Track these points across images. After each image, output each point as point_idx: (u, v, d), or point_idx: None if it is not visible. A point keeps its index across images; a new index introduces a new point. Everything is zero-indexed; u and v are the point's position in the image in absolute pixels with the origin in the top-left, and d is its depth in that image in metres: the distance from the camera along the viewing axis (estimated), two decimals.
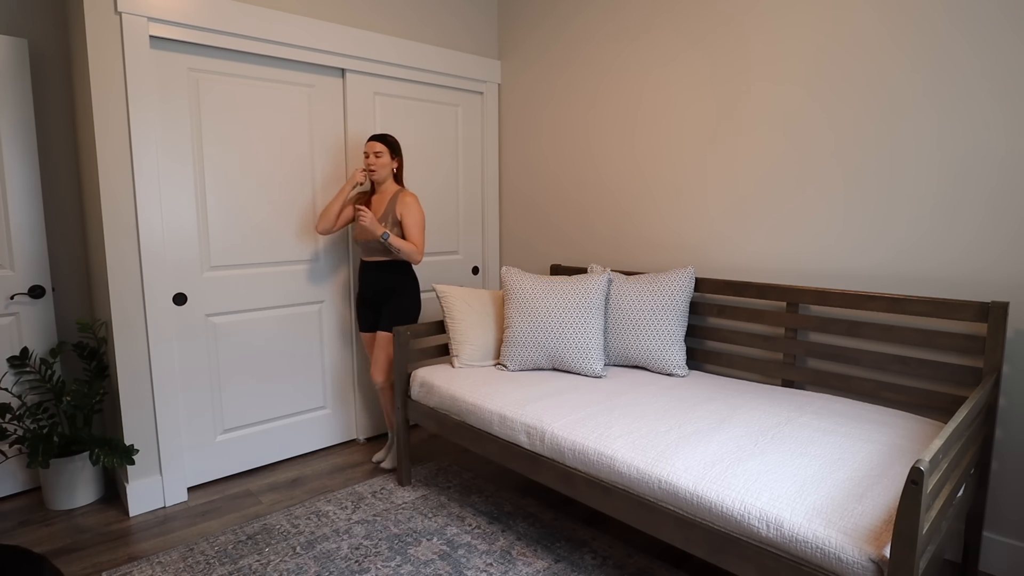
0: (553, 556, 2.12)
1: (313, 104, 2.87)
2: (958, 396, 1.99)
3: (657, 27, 2.78)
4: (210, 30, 2.48)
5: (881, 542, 1.28)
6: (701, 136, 2.67)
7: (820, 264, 2.35)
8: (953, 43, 1.97)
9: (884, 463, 1.62)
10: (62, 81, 2.64)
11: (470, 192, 3.56)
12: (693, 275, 2.58)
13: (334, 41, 2.84)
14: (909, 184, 2.10)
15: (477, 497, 2.57)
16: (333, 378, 3.08)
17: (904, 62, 2.08)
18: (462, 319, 2.71)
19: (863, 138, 2.19)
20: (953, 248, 2.03)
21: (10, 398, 2.52)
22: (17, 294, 2.52)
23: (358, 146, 3.03)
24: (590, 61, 3.09)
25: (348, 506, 2.50)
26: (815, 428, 1.86)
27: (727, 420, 1.94)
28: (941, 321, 2.07)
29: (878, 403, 2.22)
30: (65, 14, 2.56)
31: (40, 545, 2.23)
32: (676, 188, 2.78)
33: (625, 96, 2.95)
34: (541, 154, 3.40)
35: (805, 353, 2.34)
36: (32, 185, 2.54)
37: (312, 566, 2.07)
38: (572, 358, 2.52)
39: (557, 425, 2.00)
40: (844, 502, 1.43)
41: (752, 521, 1.46)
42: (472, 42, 3.46)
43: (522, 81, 3.46)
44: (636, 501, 1.73)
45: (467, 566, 2.07)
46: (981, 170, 1.96)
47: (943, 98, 2.01)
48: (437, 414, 2.47)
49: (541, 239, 3.46)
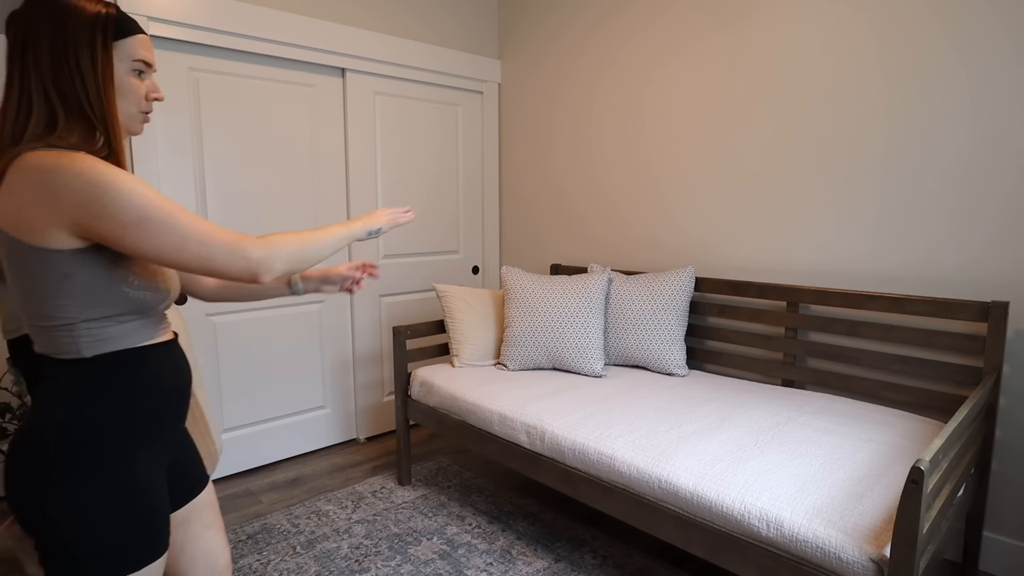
0: (553, 555, 2.12)
1: (313, 104, 2.87)
2: (958, 396, 1.99)
3: (657, 26, 2.78)
4: (210, 29, 2.48)
5: (881, 542, 1.28)
6: (702, 135, 2.67)
7: (820, 264, 2.35)
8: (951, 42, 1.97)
9: (884, 463, 1.62)
10: None
11: (470, 192, 3.56)
12: (693, 275, 2.58)
13: (334, 41, 2.84)
14: (909, 184, 2.10)
15: (477, 497, 2.57)
16: (333, 378, 3.08)
17: (904, 64, 2.08)
18: (462, 319, 2.71)
19: (863, 138, 2.19)
20: (953, 248, 2.03)
21: (10, 398, 2.52)
22: None
23: (359, 146, 3.03)
24: (590, 60, 3.09)
25: (348, 506, 2.50)
26: (815, 428, 1.86)
27: (727, 420, 1.94)
28: (941, 321, 2.07)
29: (878, 403, 2.22)
30: None
31: None
32: (676, 187, 2.78)
33: (626, 95, 2.94)
34: (541, 153, 3.40)
35: (805, 353, 2.34)
36: None
37: (312, 566, 2.07)
38: (572, 358, 2.52)
39: (557, 425, 2.00)
40: (844, 502, 1.43)
41: (752, 521, 1.46)
42: (472, 42, 3.46)
43: (522, 81, 3.46)
44: (636, 501, 1.73)
45: (467, 565, 2.07)
46: (981, 170, 1.95)
47: (943, 98, 2.01)
48: (437, 413, 2.47)
49: (541, 239, 3.46)
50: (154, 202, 0.88)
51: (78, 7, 0.92)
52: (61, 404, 0.92)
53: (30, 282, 0.89)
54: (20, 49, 0.90)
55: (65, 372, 0.92)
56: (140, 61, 0.98)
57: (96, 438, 0.92)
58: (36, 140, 0.89)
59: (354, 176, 3.03)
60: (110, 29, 0.94)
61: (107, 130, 0.94)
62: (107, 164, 0.88)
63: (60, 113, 0.90)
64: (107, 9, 0.95)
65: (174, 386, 1.04)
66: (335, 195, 2.99)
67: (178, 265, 0.91)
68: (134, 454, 0.96)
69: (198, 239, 0.90)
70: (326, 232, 1.07)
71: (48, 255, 0.87)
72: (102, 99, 0.93)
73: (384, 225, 1.22)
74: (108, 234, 0.87)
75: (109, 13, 0.95)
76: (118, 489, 0.93)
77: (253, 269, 0.95)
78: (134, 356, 0.97)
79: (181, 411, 1.07)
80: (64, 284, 0.88)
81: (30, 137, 0.89)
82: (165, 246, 0.89)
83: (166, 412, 1.03)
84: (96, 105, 0.93)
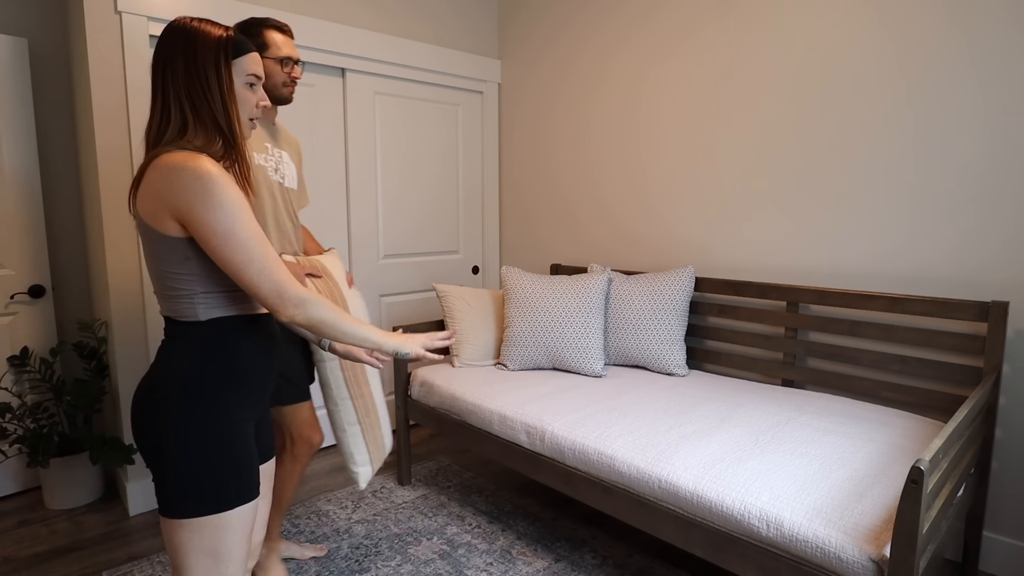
0: (553, 555, 2.12)
1: (313, 104, 2.87)
2: (958, 396, 1.99)
3: (657, 25, 2.78)
4: None
5: (881, 542, 1.28)
6: (701, 134, 2.67)
7: (820, 263, 2.35)
8: (951, 40, 1.97)
9: (884, 463, 1.62)
10: (62, 81, 2.63)
11: (470, 192, 3.56)
12: (693, 275, 2.58)
13: (334, 41, 2.84)
14: (911, 184, 2.10)
15: (477, 497, 2.57)
16: None
17: (903, 62, 2.08)
18: (462, 319, 2.71)
19: (864, 137, 2.19)
20: (954, 248, 2.03)
21: (10, 398, 2.52)
22: (17, 294, 2.52)
23: (359, 146, 3.03)
24: (590, 60, 3.09)
25: (348, 506, 2.50)
26: (815, 428, 1.86)
27: (727, 420, 1.94)
28: (941, 321, 2.07)
29: (878, 403, 2.22)
30: (65, 14, 2.56)
31: (40, 545, 2.23)
32: (676, 187, 2.78)
33: (625, 95, 2.94)
34: (541, 153, 3.40)
35: (805, 353, 2.34)
36: (32, 185, 2.54)
37: (312, 565, 2.08)
38: (572, 358, 2.52)
39: (557, 424, 2.00)
40: (844, 502, 1.43)
41: (752, 520, 1.46)
42: (472, 42, 3.46)
43: (522, 81, 3.46)
44: (636, 500, 1.73)
45: (467, 565, 2.07)
46: (982, 170, 1.95)
47: (944, 98, 2.01)
48: (437, 413, 2.47)
49: (541, 238, 3.46)
50: (244, 224, 1.06)
51: (204, 32, 1.10)
52: (179, 357, 1.11)
53: (160, 261, 1.09)
54: (161, 68, 1.09)
55: (185, 331, 1.12)
56: (252, 75, 1.16)
57: (201, 386, 1.11)
58: (170, 143, 1.08)
59: (354, 176, 3.03)
60: (230, 49, 1.12)
61: (232, 135, 1.12)
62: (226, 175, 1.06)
63: (191, 121, 1.09)
64: (227, 32, 1.13)
65: (268, 351, 1.23)
66: (335, 195, 2.99)
67: (232, 276, 1.08)
68: (231, 404, 1.13)
69: (258, 267, 1.07)
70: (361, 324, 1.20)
71: (170, 241, 1.07)
72: (227, 109, 1.11)
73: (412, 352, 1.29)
74: (197, 230, 1.04)
75: (229, 36, 1.12)
76: (216, 430, 1.11)
77: (275, 303, 1.09)
78: (240, 322, 1.16)
79: (270, 375, 1.24)
80: (185, 264, 1.09)
81: (167, 141, 1.08)
82: (233, 260, 1.05)
83: (261, 372, 1.20)
84: (222, 114, 1.11)
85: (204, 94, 1.09)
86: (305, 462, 1.93)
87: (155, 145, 1.09)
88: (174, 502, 1.08)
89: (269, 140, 1.88)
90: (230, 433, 1.12)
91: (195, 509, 1.08)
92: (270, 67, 1.80)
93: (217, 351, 1.13)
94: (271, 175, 1.85)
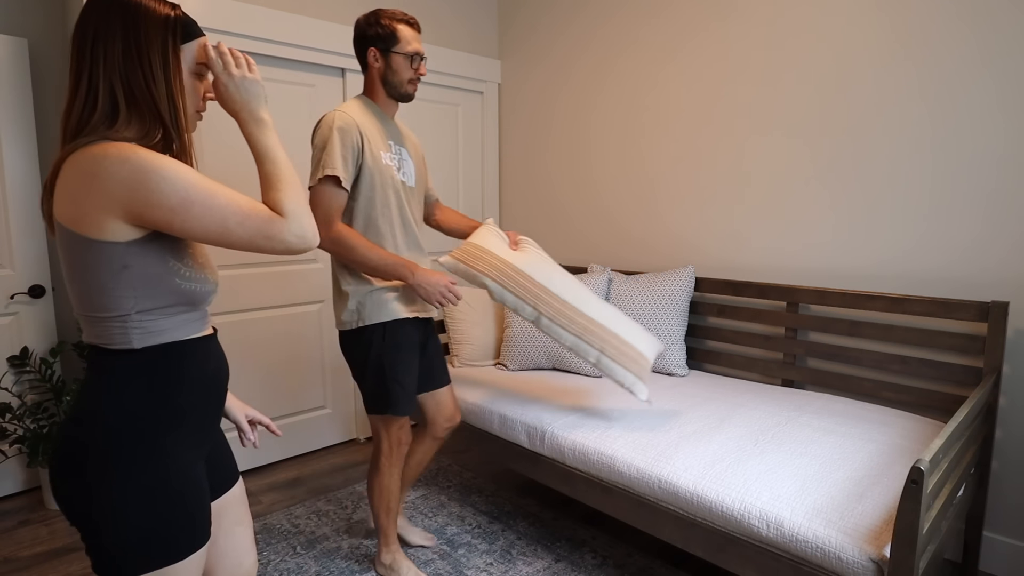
0: (553, 555, 2.12)
1: (313, 104, 2.87)
2: (958, 396, 1.99)
3: (657, 25, 2.78)
4: (210, 29, 2.48)
5: (881, 542, 1.29)
6: (701, 135, 2.67)
7: (820, 264, 2.35)
8: (954, 44, 1.97)
9: (884, 463, 1.62)
10: (62, 81, 2.64)
11: (470, 192, 3.56)
12: (693, 275, 2.58)
13: (334, 41, 2.84)
14: (910, 184, 2.10)
15: (477, 497, 2.57)
16: (333, 379, 3.08)
17: (905, 63, 2.08)
18: (462, 318, 2.71)
19: (864, 138, 2.19)
20: (954, 248, 2.03)
21: (10, 398, 2.52)
22: (17, 294, 2.52)
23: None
24: (590, 60, 3.09)
25: (348, 506, 2.50)
26: (815, 428, 1.86)
27: (727, 420, 1.94)
28: (941, 321, 2.07)
29: (878, 403, 2.22)
30: (65, 14, 2.56)
31: (40, 545, 2.23)
32: (677, 187, 2.78)
33: (626, 95, 2.94)
34: (541, 154, 3.40)
35: (805, 353, 2.34)
36: (32, 185, 2.54)
37: (312, 566, 2.07)
38: (572, 358, 2.52)
39: (557, 425, 2.00)
40: (844, 502, 1.43)
41: (752, 521, 1.46)
42: (472, 42, 3.46)
43: (522, 81, 3.46)
44: (636, 501, 1.73)
45: (467, 565, 2.07)
46: (982, 170, 1.95)
47: (943, 98, 2.01)
48: None
49: (541, 238, 3.46)
50: (195, 185, 0.90)
51: (148, 8, 0.94)
52: (109, 394, 0.94)
53: (88, 274, 0.91)
54: (91, 45, 0.92)
55: (115, 363, 0.94)
56: (201, 64, 1.02)
57: (139, 428, 0.94)
58: (92, 134, 0.91)
59: None
60: (180, 32, 0.97)
61: (177, 128, 0.98)
62: (152, 152, 0.90)
63: (122, 108, 0.93)
64: (175, 12, 0.97)
65: (215, 379, 1.07)
66: None
67: (227, 244, 0.93)
68: (176, 445, 0.98)
69: (236, 220, 0.93)
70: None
71: (105, 247, 0.89)
72: (173, 99, 0.96)
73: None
74: (159, 219, 0.89)
75: (177, 16, 0.98)
76: (161, 479, 0.95)
77: (277, 244, 0.97)
78: (180, 349, 1.00)
79: (219, 404, 1.10)
80: (122, 275, 0.91)
81: (90, 130, 0.91)
82: (208, 229, 0.91)
83: (207, 404, 1.06)
84: (166, 104, 0.96)
85: (145, 80, 0.93)
86: (443, 440, 2.09)
87: (75, 135, 0.92)
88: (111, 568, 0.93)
89: (392, 138, 1.79)
90: (178, 483, 0.97)
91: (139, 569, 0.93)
92: (398, 62, 1.70)
93: (154, 386, 0.96)
94: (396, 175, 1.77)
